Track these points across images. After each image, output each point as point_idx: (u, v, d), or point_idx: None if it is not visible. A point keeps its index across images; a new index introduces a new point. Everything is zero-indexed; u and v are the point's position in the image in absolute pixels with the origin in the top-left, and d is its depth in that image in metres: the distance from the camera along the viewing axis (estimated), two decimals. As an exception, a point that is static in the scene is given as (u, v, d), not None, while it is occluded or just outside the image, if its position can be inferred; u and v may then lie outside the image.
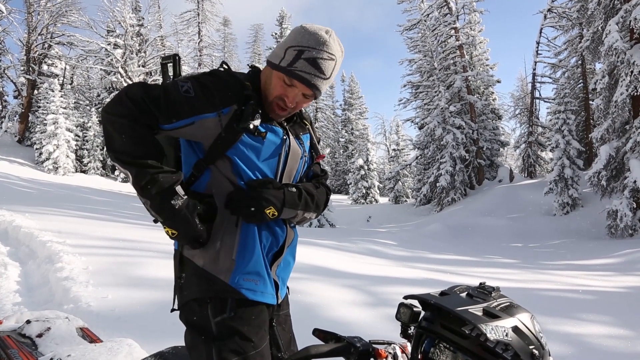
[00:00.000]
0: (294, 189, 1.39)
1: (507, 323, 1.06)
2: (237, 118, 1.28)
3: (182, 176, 1.31)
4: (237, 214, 1.31)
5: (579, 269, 8.37)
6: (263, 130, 1.31)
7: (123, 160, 1.22)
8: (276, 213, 1.32)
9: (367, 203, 30.03)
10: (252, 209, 1.28)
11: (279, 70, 1.32)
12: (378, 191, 31.44)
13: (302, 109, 1.50)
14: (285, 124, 1.44)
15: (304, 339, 1.60)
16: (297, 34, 1.33)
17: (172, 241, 1.43)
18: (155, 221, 1.29)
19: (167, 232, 1.28)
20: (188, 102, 1.26)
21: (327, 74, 1.32)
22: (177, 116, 1.26)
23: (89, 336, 2.29)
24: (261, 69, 1.47)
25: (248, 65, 1.51)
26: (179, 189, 1.26)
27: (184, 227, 1.26)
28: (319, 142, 1.60)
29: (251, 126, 1.28)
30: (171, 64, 1.49)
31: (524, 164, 22.61)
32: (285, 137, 1.38)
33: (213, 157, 1.32)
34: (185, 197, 1.27)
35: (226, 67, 1.42)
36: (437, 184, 21.48)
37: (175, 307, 1.40)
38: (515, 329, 1.06)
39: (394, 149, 43.02)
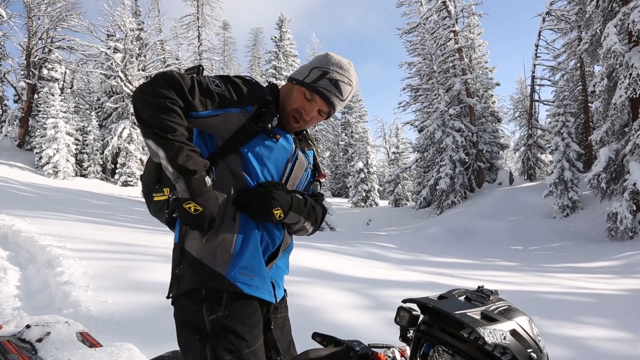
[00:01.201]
0: (300, 196, 1.49)
1: (505, 326, 1.06)
2: (257, 117, 1.39)
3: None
4: (245, 211, 1.37)
5: (579, 271, 8.36)
6: (278, 134, 1.41)
7: (160, 136, 1.24)
8: (282, 215, 1.39)
9: (367, 206, 30.02)
10: (262, 207, 1.35)
11: (302, 86, 1.47)
12: (378, 194, 31.44)
13: (306, 131, 1.62)
14: (295, 137, 1.53)
15: (303, 343, 1.60)
16: (323, 58, 1.50)
17: (172, 244, 1.46)
18: (175, 200, 1.29)
19: (187, 209, 1.26)
20: (218, 94, 1.36)
21: (344, 95, 1.48)
22: (207, 106, 1.34)
23: (88, 341, 2.28)
24: (278, 86, 1.59)
25: (267, 81, 1.59)
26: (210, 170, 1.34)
27: (211, 204, 1.30)
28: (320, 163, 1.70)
29: (269, 126, 1.38)
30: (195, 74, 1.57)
31: (524, 167, 22.63)
32: (295, 146, 1.49)
33: (226, 151, 1.40)
34: (213, 176, 1.33)
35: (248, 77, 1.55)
36: (437, 187, 21.48)
37: (172, 295, 1.41)
38: (514, 333, 1.06)
39: (393, 152, 43.04)
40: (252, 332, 1.35)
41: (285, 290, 1.60)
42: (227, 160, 1.40)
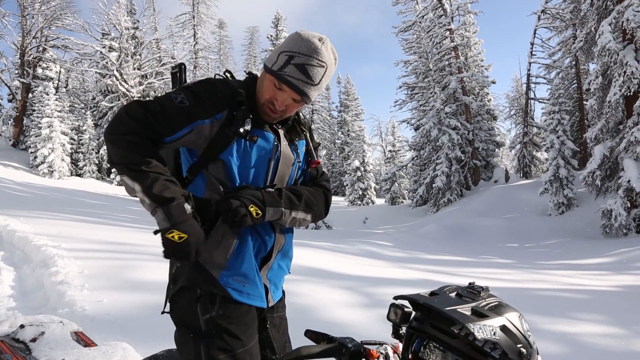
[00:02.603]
0: (271, 190, 1.40)
1: (495, 322, 1.07)
2: (228, 123, 1.33)
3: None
4: (225, 221, 1.31)
5: (574, 268, 8.41)
6: (254, 135, 1.35)
7: (134, 170, 1.22)
8: (260, 212, 1.31)
9: (363, 204, 30.06)
10: (229, 212, 1.28)
11: (270, 74, 1.36)
12: (374, 192, 31.48)
13: (301, 114, 1.55)
14: (281, 127, 1.46)
15: (298, 341, 1.60)
16: (291, 39, 1.36)
17: None
18: (156, 232, 1.25)
19: (170, 239, 1.21)
20: (183, 111, 1.30)
21: (315, 80, 1.34)
22: (177, 127, 1.30)
23: (83, 340, 2.28)
24: (259, 75, 1.51)
25: (245, 71, 1.54)
26: (187, 192, 1.29)
27: (196, 231, 1.24)
28: (317, 148, 1.61)
29: (242, 130, 1.32)
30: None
31: (520, 165, 22.71)
32: (276, 143, 1.41)
33: (206, 161, 1.36)
34: (192, 203, 1.27)
35: (228, 74, 1.49)
36: (433, 185, 21.54)
37: (167, 309, 1.43)
38: (504, 328, 1.07)
39: (390, 151, 43.12)
40: (246, 331, 1.35)
41: (283, 291, 1.58)
42: (210, 170, 1.36)
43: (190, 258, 1.23)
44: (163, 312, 1.44)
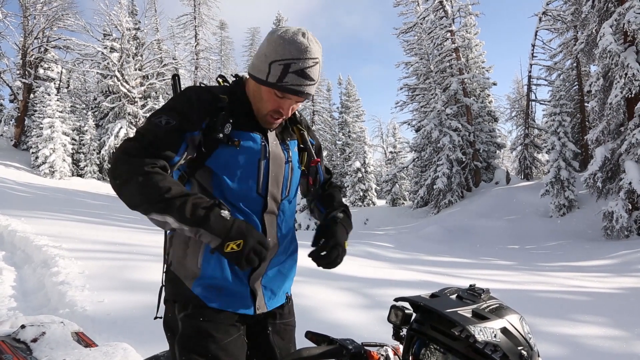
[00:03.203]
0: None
1: (496, 324, 1.07)
2: (209, 130, 1.31)
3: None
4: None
5: (575, 270, 8.40)
6: (236, 138, 1.33)
7: (157, 203, 1.18)
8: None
9: (364, 206, 30.05)
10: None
11: (269, 86, 1.32)
12: (375, 194, 31.46)
13: (296, 113, 1.54)
14: (274, 129, 1.44)
15: (298, 342, 1.60)
16: (276, 44, 1.30)
17: None
18: (213, 251, 1.23)
19: (231, 252, 1.18)
20: (174, 130, 1.28)
21: (315, 79, 1.33)
22: (176, 146, 1.28)
23: (84, 340, 2.28)
24: (245, 77, 1.47)
25: (232, 75, 1.51)
26: (217, 201, 1.26)
27: (248, 231, 1.21)
28: (315, 146, 1.60)
29: (221, 136, 1.30)
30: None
31: (521, 166, 22.70)
32: (264, 143, 1.38)
33: (193, 170, 1.36)
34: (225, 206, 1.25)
35: (220, 80, 1.48)
36: (434, 187, 21.53)
37: (159, 314, 1.44)
38: (504, 330, 1.07)
39: (390, 152, 43.12)
40: (220, 328, 1.34)
41: (288, 297, 1.55)
42: (197, 177, 1.36)
43: (262, 257, 1.21)
44: (156, 318, 1.46)
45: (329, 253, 1.44)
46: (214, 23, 35.84)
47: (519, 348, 1.06)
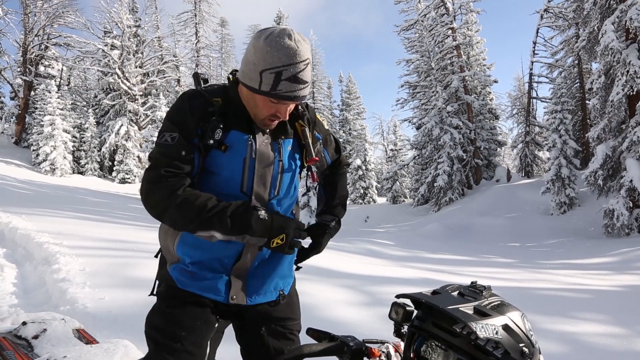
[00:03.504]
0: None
1: (498, 321, 1.07)
2: (203, 136, 1.34)
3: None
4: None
5: (575, 268, 8.40)
6: (226, 141, 1.36)
7: (200, 222, 1.28)
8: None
9: (364, 203, 30.06)
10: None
11: (263, 95, 1.31)
12: (376, 191, 31.47)
13: (300, 107, 1.51)
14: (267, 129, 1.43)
15: (300, 339, 1.60)
16: (265, 53, 1.27)
17: None
18: (261, 248, 1.36)
19: (278, 247, 1.31)
20: (180, 143, 1.33)
21: (309, 80, 1.32)
22: (189, 158, 1.33)
23: (85, 337, 2.29)
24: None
25: (230, 73, 1.50)
26: (250, 204, 1.34)
27: (283, 224, 1.31)
28: (322, 139, 1.61)
29: (211, 142, 1.33)
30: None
31: (521, 164, 22.67)
32: (250, 142, 1.39)
33: (197, 172, 1.40)
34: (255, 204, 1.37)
35: (202, 81, 1.48)
36: (435, 184, 21.52)
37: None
38: (506, 327, 1.07)
39: (391, 149, 43.09)
40: (186, 309, 1.40)
41: (282, 294, 1.54)
42: (197, 180, 1.39)
43: (303, 237, 1.36)
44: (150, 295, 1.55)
45: (306, 256, 1.58)
46: (215, 20, 35.81)
47: (521, 345, 1.05)
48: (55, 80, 25.96)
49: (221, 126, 1.34)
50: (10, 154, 23.56)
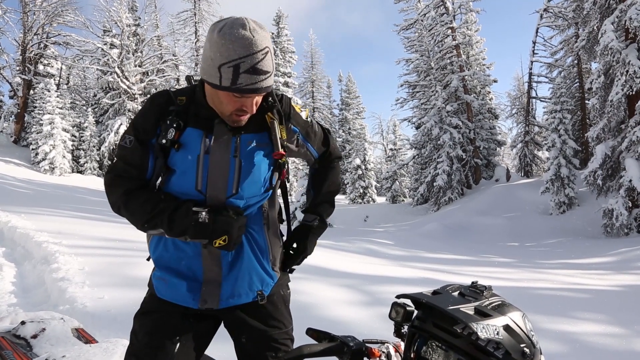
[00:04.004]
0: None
1: (499, 322, 1.06)
2: (159, 135, 1.35)
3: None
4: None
5: (574, 267, 8.40)
6: (181, 139, 1.35)
7: (150, 226, 1.35)
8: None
9: (364, 203, 30.06)
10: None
11: (225, 90, 1.27)
12: (375, 191, 31.47)
13: (270, 99, 1.43)
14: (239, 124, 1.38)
15: (298, 339, 1.60)
16: (220, 45, 1.22)
17: None
18: (205, 245, 1.36)
19: (219, 246, 1.33)
20: (135, 147, 1.36)
21: (270, 69, 1.26)
22: (144, 163, 1.36)
23: (84, 337, 2.28)
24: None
25: (190, 78, 1.48)
26: (194, 208, 1.33)
27: (229, 224, 1.32)
28: (301, 132, 1.52)
29: (164, 141, 1.33)
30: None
31: (521, 164, 22.68)
32: (205, 139, 1.35)
33: (157, 174, 1.41)
34: (206, 209, 1.33)
35: (185, 82, 1.49)
36: (434, 184, 21.53)
37: None
38: (507, 328, 1.06)
39: (391, 149, 43.11)
40: (161, 317, 1.42)
41: (261, 294, 1.45)
42: (163, 178, 1.41)
43: (238, 244, 1.36)
44: None
45: (294, 260, 1.57)
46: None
47: (522, 345, 1.05)
48: (54, 79, 25.90)
49: (175, 125, 1.33)
50: (9, 153, 23.51)
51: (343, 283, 5.40)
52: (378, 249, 9.65)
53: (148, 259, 1.53)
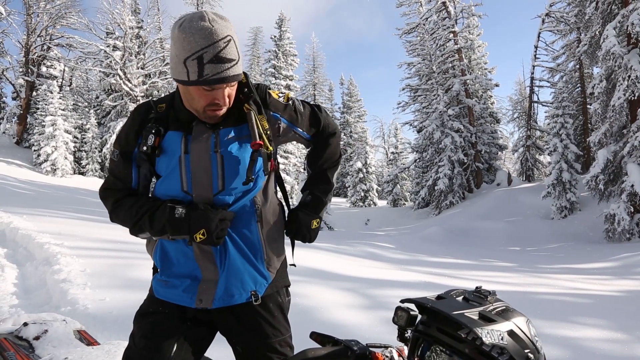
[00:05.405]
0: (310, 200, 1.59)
1: (503, 327, 1.06)
2: (140, 144, 1.39)
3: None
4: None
5: (576, 272, 8.38)
6: (161, 144, 1.37)
7: (137, 230, 1.40)
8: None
9: (365, 206, 30.05)
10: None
11: (194, 85, 1.27)
12: (376, 194, 31.47)
13: (247, 89, 1.40)
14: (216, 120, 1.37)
15: (301, 342, 1.60)
16: (182, 40, 1.24)
17: None
18: (190, 243, 1.37)
19: (200, 241, 1.33)
20: (120, 160, 1.43)
21: (235, 57, 1.26)
22: (128, 173, 1.43)
23: (86, 339, 2.28)
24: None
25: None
26: (170, 204, 1.35)
27: (206, 218, 1.31)
28: (277, 122, 1.46)
29: (144, 148, 1.36)
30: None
31: (522, 168, 22.66)
32: (183, 139, 1.36)
33: (143, 182, 1.47)
34: (182, 205, 1.36)
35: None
36: (436, 187, 21.51)
37: None
38: (511, 333, 1.07)
39: (392, 152, 43.11)
40: (158, 317, 1.43)
41: (253, 295, 1.42)
42: (147, 188, 1.48)
43: (222, 238, 1.35)
44: None
45: (296, 238, 1.56)
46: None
47: (526, 351, 1.05)
48: (57, 81, 25.99)
49: (154, 131, 1.36)
50: (11, 154, 23.57)
51: (344, 286, 5.39)
52: (379, 253, 9.63)
53: (154, 269, 1.54)
